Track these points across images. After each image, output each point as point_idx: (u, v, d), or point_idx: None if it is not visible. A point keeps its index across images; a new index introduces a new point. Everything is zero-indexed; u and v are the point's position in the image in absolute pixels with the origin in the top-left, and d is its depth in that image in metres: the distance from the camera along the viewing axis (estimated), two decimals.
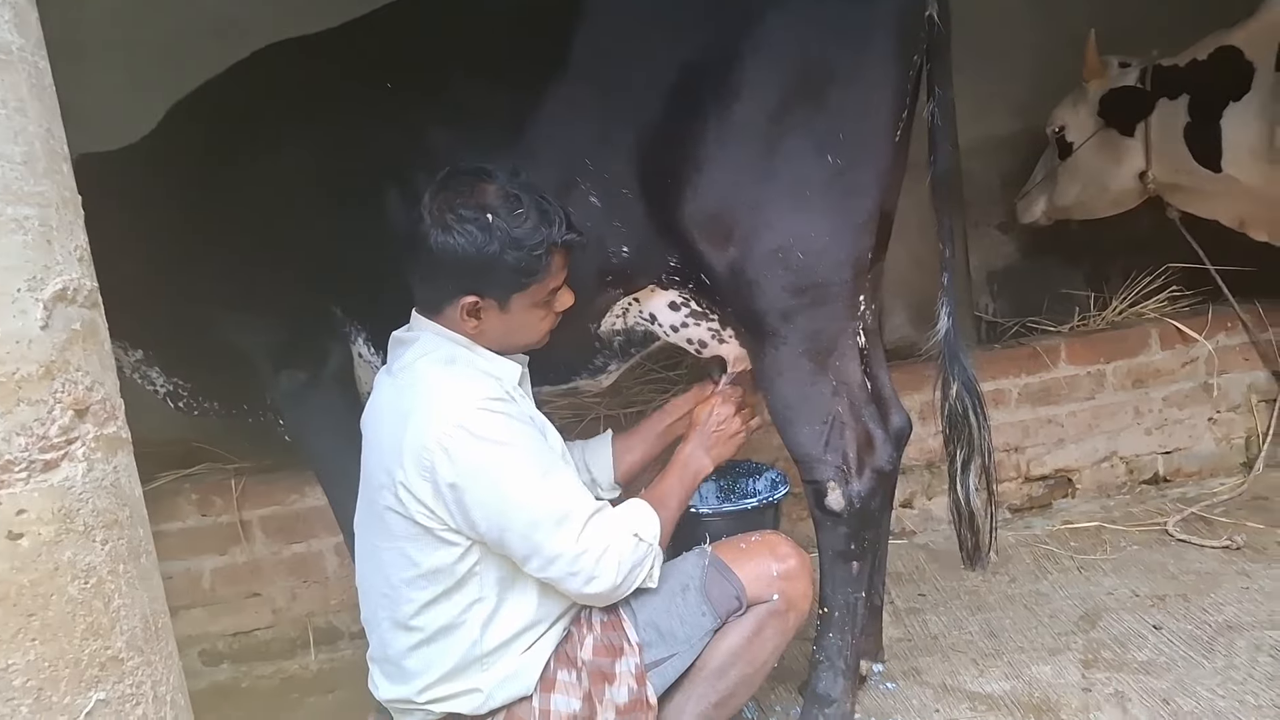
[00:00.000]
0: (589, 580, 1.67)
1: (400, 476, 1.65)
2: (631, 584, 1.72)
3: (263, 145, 2.16)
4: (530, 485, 1.65)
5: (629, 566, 1.70)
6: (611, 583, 1.68)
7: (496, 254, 1.66)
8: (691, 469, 1.93)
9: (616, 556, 1.68)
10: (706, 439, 1.96)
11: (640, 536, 1.72)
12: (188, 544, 2.73)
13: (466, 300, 1.71)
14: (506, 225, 1.66)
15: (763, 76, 1.77)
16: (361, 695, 2.01)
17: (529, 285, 1.72)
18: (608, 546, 1.68)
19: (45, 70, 1.08)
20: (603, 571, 1.67)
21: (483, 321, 1.74)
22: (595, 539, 1.67)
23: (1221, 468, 3.21)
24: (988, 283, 3.80)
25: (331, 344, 2.25)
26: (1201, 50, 2.85)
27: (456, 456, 1.62)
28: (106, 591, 1.03)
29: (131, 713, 1.04)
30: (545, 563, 1.66)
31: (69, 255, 1.06)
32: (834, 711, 1.98)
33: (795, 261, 1.81)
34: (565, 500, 1.67)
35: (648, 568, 1.74)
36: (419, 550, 1.69)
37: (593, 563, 1.66)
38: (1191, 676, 2.13)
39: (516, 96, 1.92)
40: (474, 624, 1.71)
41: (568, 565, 1.66)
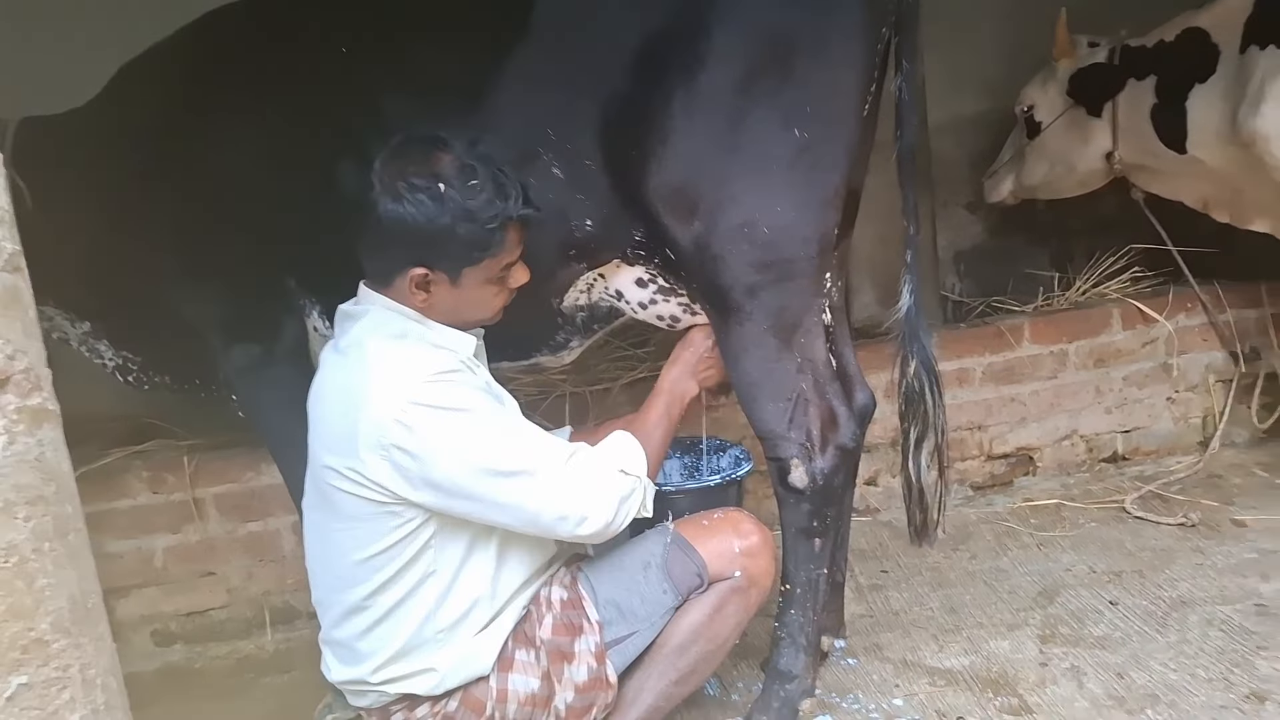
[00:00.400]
0: (580, 521, 1.65)
1: (351, 459, 1.61)
2: (625, 518, 1.70)
3: (213, 111, 2.08)
4: (497, 445, 1.62)
5: (617, 502, 1.68)
6: (605, 520, 1.66)
7: (448, 226, 1.61)
8: (678, 393, 1.90)
9: (603, 495, 1.66)
10: (696, 361, 1.93)
11: (626, 470, 1.71)
12: (139, 522, 2.67)
13: (415, 272, 1.66)
14: (460, 196, 1.61)
15: (729, 47, 1.74)
16: (318, 675, 1.97)
17: (481, 260, 1.67)
18: (591, 487, 1.66)
19: None
20: (592, 510, 1.65)
21: (432, 295, 1.69)
22: (577, 480, 1.65)
23: (1179, 446, 3.27)
24: (954, 262, 3.82)
25: (285, 317, 2.19)
26: (1169, 31, 2.86)
27: (417, 431, 1.58)
28: (29, 571, 0.99)
29: (57, 697, 1.00)
30: (532, 517, 1.64)
31: None
32: (795, 687, 1.99)
33: (761, 237, 1.79)
34: (536, 451, 1.65)
35: (639, 500, 1.72)
36: (372, 529, 1.65)
37: (580, 505, 1.64)
38: (1145, 651, 2.17)
39: (476, 64, 1.87)
40: (427, 599, 1.68)
41: (555, 512, 1.64)
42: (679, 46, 1.75)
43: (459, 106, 1.86)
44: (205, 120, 2.08)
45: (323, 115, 1.99)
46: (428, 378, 1.61)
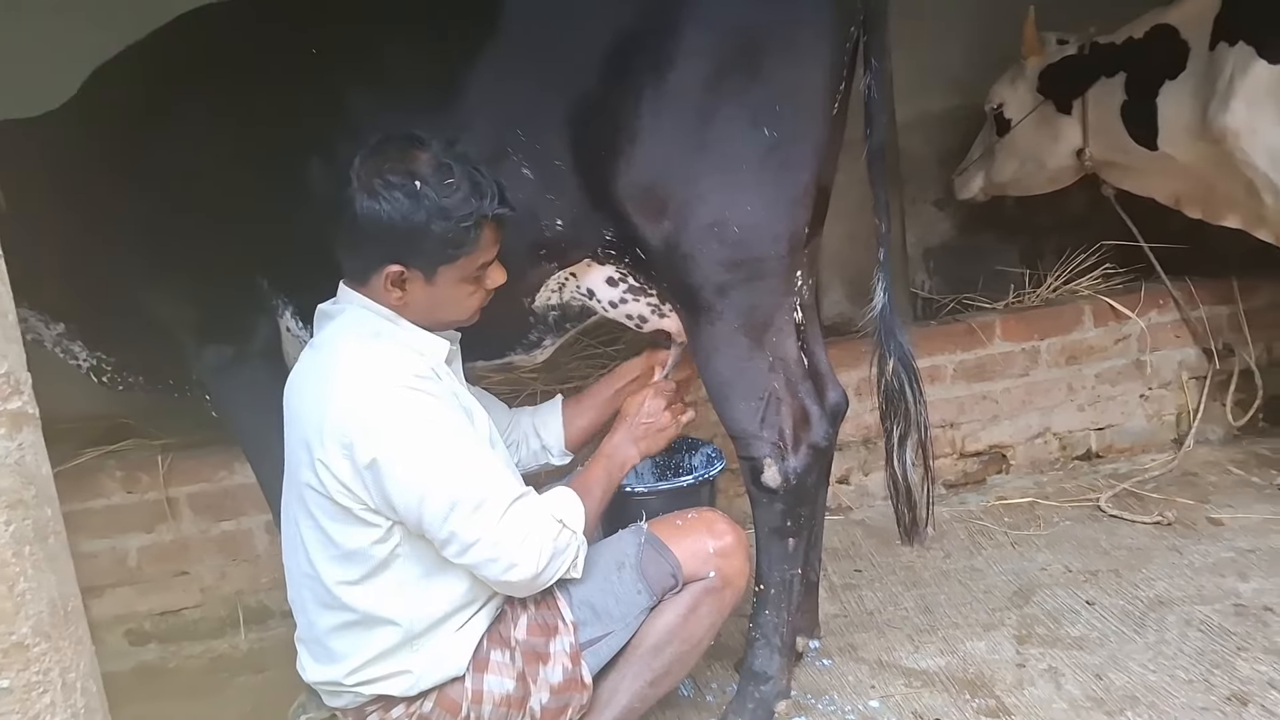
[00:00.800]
0: (509, 568, 1.63)
1: (320, 454, 1.61)
2: (554, 574, 1.68)
3: (185, 112, 2.08)
4: (450, 467, 1.61)
5: (549, 555, 1.65)
6: (532, 571, 1.64)
7: (423, 223, 1.61)
8: (618, 460, 1.89)
9: (538, 544, 1.64)
10: (635, 430, 1.94)
11: (564, 524, 1.69)
12: (113, 522, 2.65)
13: (391, 269, 1.66)
14: (435, 194, 1.61)
15: (698, 46, 1.74)
16: (292, 675, 1.97)
17: (457, 258, 1.67)
18: (529, 533, 1.64)
19: None
20: (522, 559, 1.63)
21: (407, 293, 1.69)
22: (516, 525, 1.62)
23: (1153, 444, 3.29)
24: (924, 259, 3.83)
25: (258, 317, 2.18)
26: (1138, 28, 2.88)
27: (376, 435, 1.58)
28: (10, 575, 0.99)
29: (38, 701, 1.01)
30: (463, 548, 1.62)
31: None
32: (770, 688, 1.99)
33: (730, 236, 1.79)
34: (485, 484, 1.63)
35: (570, 557, 1.70)
36: (339, 531, 1.65)
37: (512, 550, 1.62)
38: (1123, 651, 2.17)
39: (446, 64, 1.86)
40: (402, 608, 1.67)
41: (486, 551, 1.61)
42: (647, 45, 1.75)
43: (429, 106, 1.86)
44: (177, 122, 2.08)
45: (293, 115, 1.98)
46: (394, 384, 1.61)
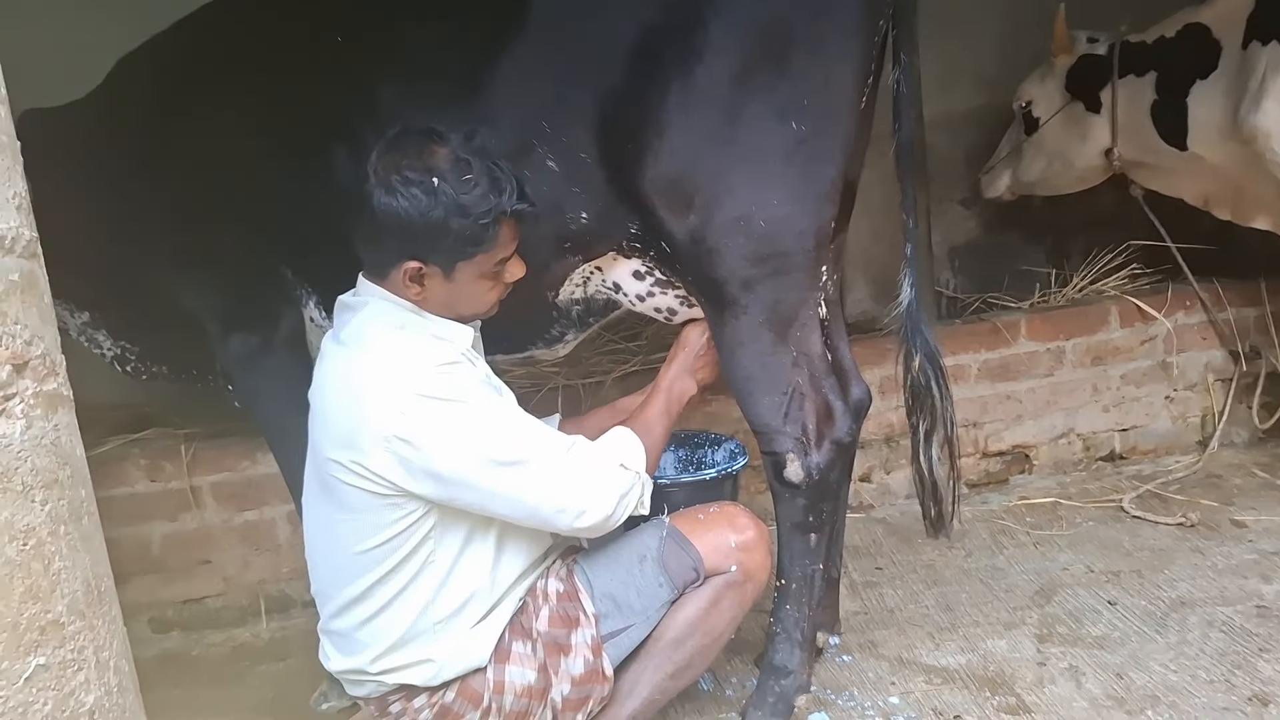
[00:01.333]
0: (579, 514, 1.66)
1: (355, 453, 1.60)
2: (623, 513, 1.71)
3: (210, 102, 2.09)
4: (497, 435, 1.62)
5: (616, 496, 1.68)
6: (603, 514, 1.67)
7: (441, 220, 1.60)
8: (676, 392, 1.91)
9: (603, 487, 1.67)
10: (692, 360, 1.94)
11: (626, 465, 1.71)
12: (136, 510, 2.67)
13: (409, 265, 1.65)
14: (453, 191, 1.60)
15: (726, 40, 1.73)
16: (313, 663, 1.98)
17: (475, 255, 1.66)
18: (591, 479, 1.67)
19: None
20: (591, 504, 1.66)
21: (426, 288, 1.69)
22: (577, 474, 1.65)
23: (1177, 446, 3.26)
24: (949, 258, 3.81)
25: (282, 307, 2.20)
26: (1169, 27, 2.85)
27: (418, 423, 1.58)
28: (46, 553, 1.00)
29: (73, 678, 1.02)
30: (531, 509, 1.64)
31: (7, 202, 1.02)
32: (790, 683, 1.99)
33: (757, 230, 1.78)
34: (536, 442, 1.65)
35: (637, 495, 1.73)
36: (374, 520, 1.65)
37: (578, 498, 1.65)
38: (1145, 651, 2.16)
39: (472, 56, 1.87)
40: (425, 589, 1.68)
41: (554, 504, 1.64)
42: (676, 39, 1.75)
43: (455, 98, 1.86)
44: (201, 112, 2.09)
45: (318, 106, 1.99)
46: (429, 370, 1.62)
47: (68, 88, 2.28)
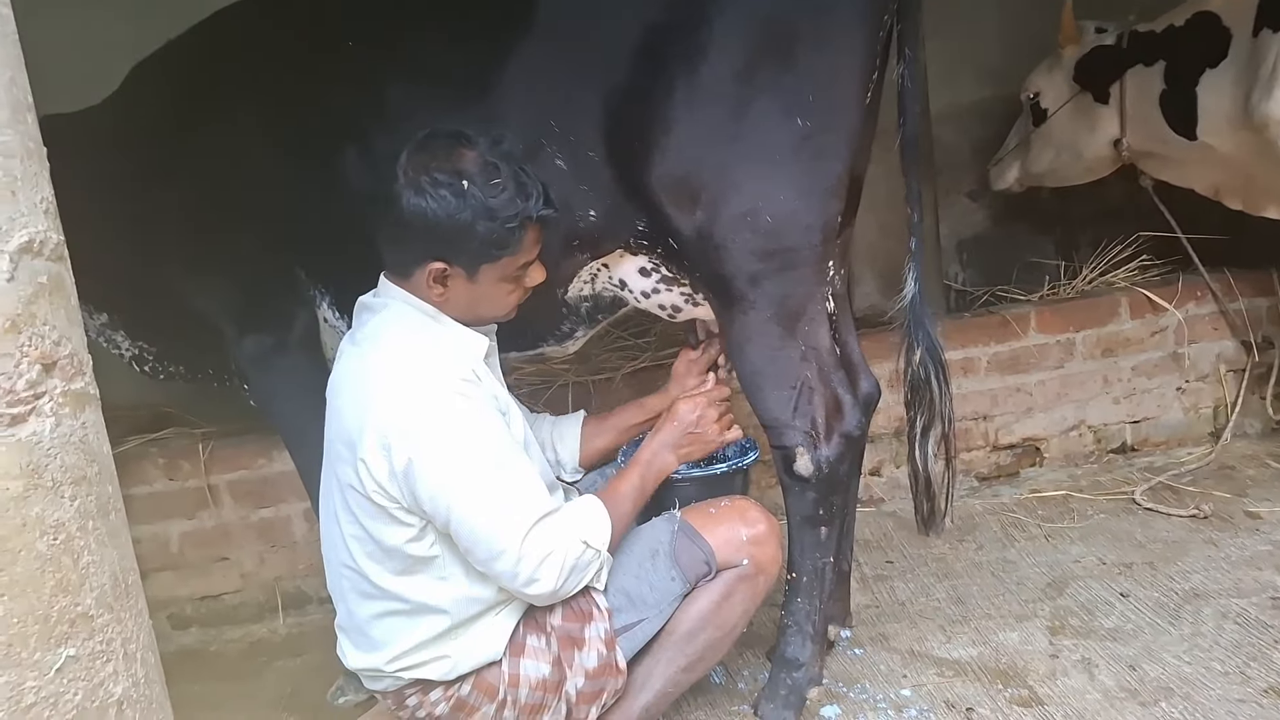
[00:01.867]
0: (529, 583, 1.64)
1: (360, 453, 1.62)
2: (573, 588, 1.69)
3: (224, 105, 2.11)
4: (482, 477, 1.61)
5: (569, 572, 1.66)
6: (551, 588, 1.65)
7: (469, 222, 1.62)
8: (655, 468, 1.87)
9: (559, 561, 1.64)
10: (679, 437, 1.89)
11: (588, 543, 1.68)
12: (155, 508, 2.70)
13: (434, 266, 1.67)
14: (482, 194, 1.62)
15: (730, 36, 1.74)
16: (330, 658, 2.01)
17: (500, 258, 1.68)
18: (551, 551, 1.63)
19: (7, 17, 1.05)
20: (543, 575, 1.63)
21: (449, 290, 1.70)
22: (540, 542, 1.62)
23: (1189, 437, 3.24)
24: (957, 251, 3.80)
25: (296, 308, 2.22)
26: (1179, 16, 2.84)
27: (413, 440, 1.59)
28: (75, 548, 1.02)
29: (102, 669, 1.04)
30: (488, 558, 1.63)
31: (34, 207, 1.04)
32: (802, 676, 2.00)
33: (763, 225, 1.79)
34: (516, 496, 1.63)
35: (591, 574, 1.71)
36: (377, 529, 1.67)
37: (533, 566, 1.62)
38: (1158, 643, 2.15)
39: (480, 56, 1.88)
40: (444, 603, 1.70)
41: (509, 564, 1.62)
42: (680, 36, 1.76)
43: (464, 98, 1.88)
44: (215, 116, 2.11)
45: (329, 108, 2.01)
46: (436, 388, 1.63)
47: (87, 92, 2.31)
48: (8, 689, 0.95)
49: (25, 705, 0.97)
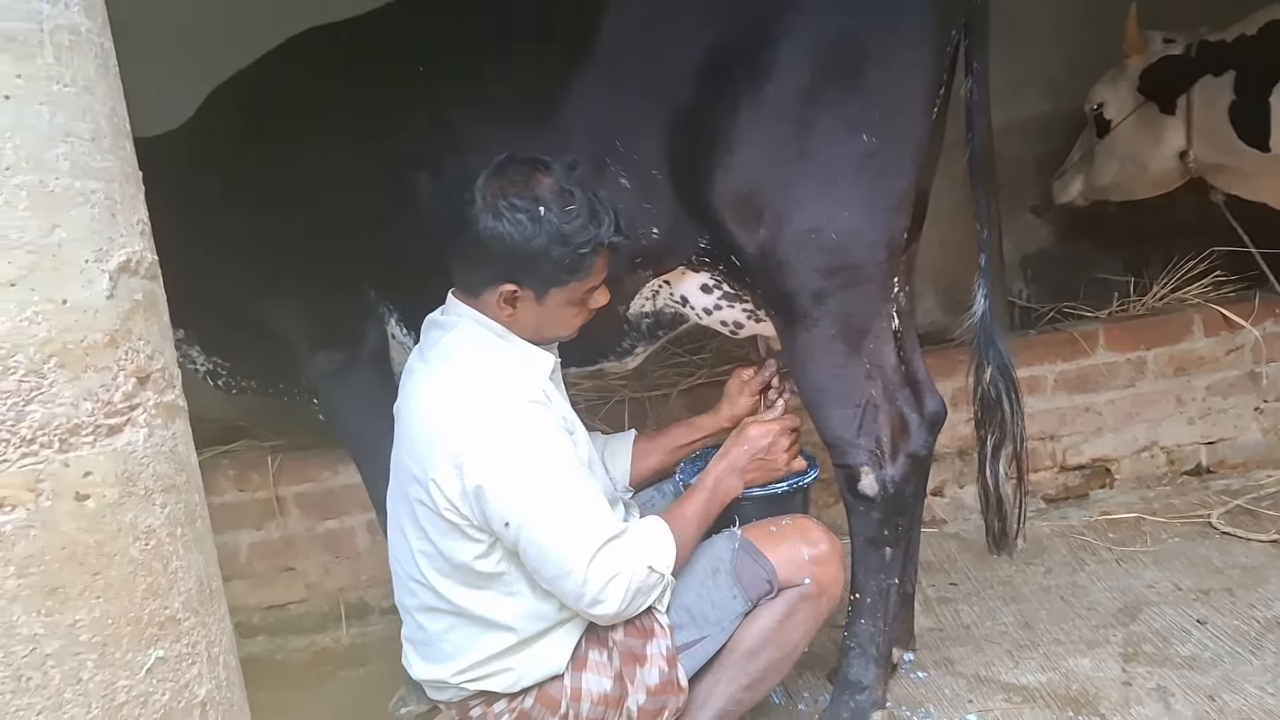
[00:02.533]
0: (594, 604, 1.65)
1: (432, 472, 1.65)
2: (636, 610, 1.70)
3: (297, 129, 2.18)
4: (551, 499, 1.63)
5: (633, 594, 1.66)
6: (616, 609, 1.66)
7: (543, 247, 1.65)
8: (720, 493, 1.86)
9: (625, 584, 1.65)
10: (747, 462, 1.88)
11: (653, 567, 1.69)
12: (225, 518, 2.77)
13: (505, 288, 1.70)
14: (557, 220, 1.65)
15: (796, 54, 1.74)
16: (392, 669, 2.03)
17: (569, 282, 1.71)
18: (617, 574, 1.64)
19: (110, 51, 1.10)
20: (608, 597, 1.64)
21: (517, 311, 1.73)
22: (607, 565, 1.63)
23: (1269, 459, 3.12)
24: (1021, 267, 3.74)
25: (368, 325, 2.27)
26: (1251, 25, 2.77)
27: (485, 459, 1.61)
28: (165, 553, 1.05)
29: (187, 671, 1.07)
30: (555, 577, 1.64)
31: (132, 228, 1.08)
32: (865, 699, 1.97)
33: (828, 242, 1.78)
34: (584, 518, 1.64)
35: (655, 596, 1.71)
36: (447, 545, 1.69)
37: (599, 588, 1.63)
38: (1239, 673, 2.08)
39: (547, 78, 1.91)
40: (510, 618, 1.71)
41: (575, 585, 1.63)
42: (746, 54, 1.77)
43: (531, 119, 1.91)
44: (289, 139, 2.18)
45: (400, 130, 2.06)
46: (507, 407, 1.65)
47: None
48: (102, 687, 0.98)
49: (118, 704, 1.00)
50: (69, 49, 1.01)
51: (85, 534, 0.99)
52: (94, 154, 1.03)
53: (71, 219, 1.00)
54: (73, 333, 0.99)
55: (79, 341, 0.99)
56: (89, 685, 0.98)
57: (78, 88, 1.02)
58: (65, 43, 1.01)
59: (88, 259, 1.01)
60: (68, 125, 1.00)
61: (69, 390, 0.98)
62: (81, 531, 0.98)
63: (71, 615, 0.97)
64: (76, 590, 0.98)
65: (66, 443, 0.97)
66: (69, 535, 0.98)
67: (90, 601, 0.98)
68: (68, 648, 0.97)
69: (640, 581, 1.66)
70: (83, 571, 0.98)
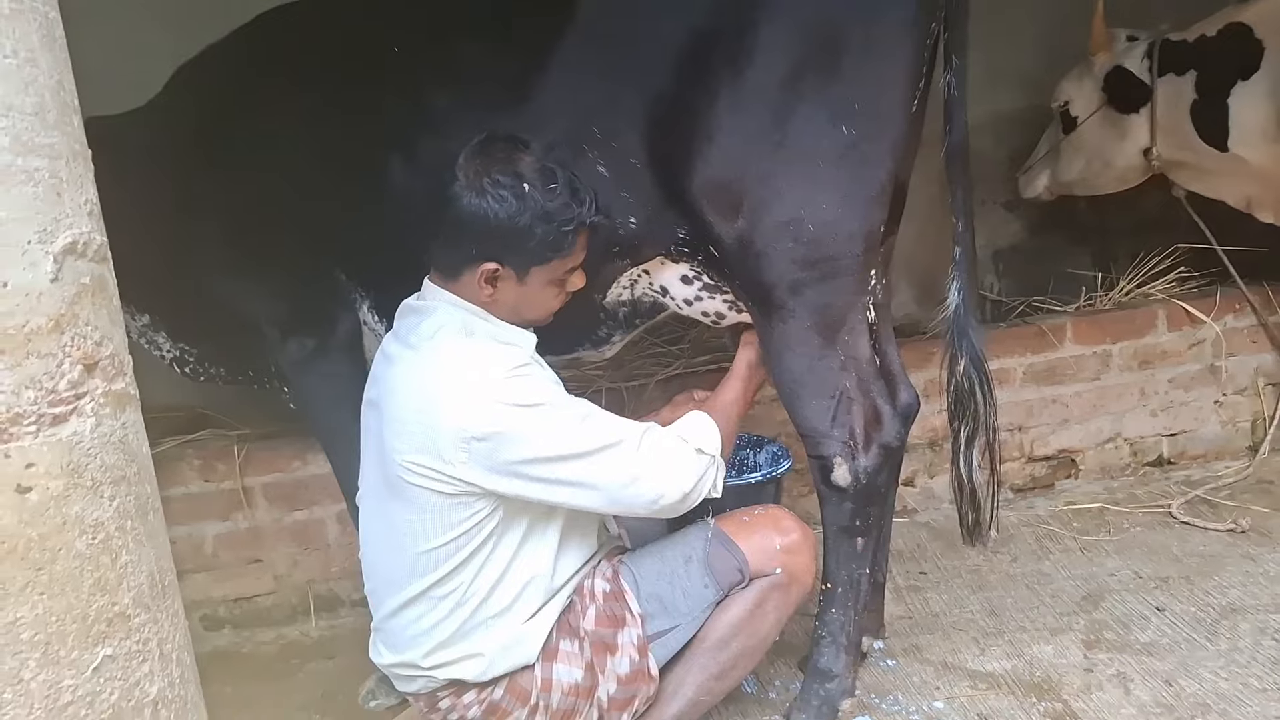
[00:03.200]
0: (656, 499, 1.70)
1: (430, 457, 1.63)
2: (699, 494, 1.74)
3: (266, 109, 2.13)
4: (576, 430, 1.66)
5: (694, 478, 1.72)
6: (681, 493, 1.71)
7: (527, 224, 1.66)
8: (756, 379, 1.94)
9: (679, 470, 1.71)
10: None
11: (702, 450, 1.74)
12: (190, 510, 2.72)
13: (487, 266, 1.69)
14: (541, 198, 1.65)
15: (776, 44, 1.74)
16: (361, 661, 2.01)
17: (551, 260, 1.71)
18: (667, 463, 1.70)
19: (56, 21, 1.06)
20: (666, 488, 1.70)
21: (498, 290, 1.72)
22: (653, 459, 1.69)
23: (1227, 451, 3.20)
24: (993, 261, 3.77)
25: (339, 311, 2.23)
26: (1210, 26, 2.81)
27: (501, 425, 1.62)
28: (114, 547, 1.03)
29: (138, 669, 1.04)
30: (613, 497, 1.69)
31: (79, 208, 1.05)
32: (835, 687, 1.99)
33: (805, 234, 1.79)
34: (612, 433, 1.69)
35: (712, 477, 1.76)
36: (441, 520, 1.68)
37: (654, 482, 1.69)
38: (1195, 659, 2.13)
39: (523, 61, 1.90)
40: (482, 586, 1.71)
41: (633, 492, 1.68)
42: (726, 43, 1.76)
43: (507, 104, 1.89)
44: (256, 119, 2.13)
45: (372, 112, 2.02)
46: (504, 374, 1.65)
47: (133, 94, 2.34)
48: (45, 687, 0.96)
49: (62, 704, 0.97)
50: (8, 18, 0.97)
51: (27, 527, 0.96)
52: (38, 129, 0.99)
53: (12, 197, 0.96)
54: (14, 317, 0.96)
55: (20, 327, 0.96)
56: (30, 685, 0.95)
57: (19, 59, 0.98)
58: (5, 10, 0.96)
59: (30, 240, 0.97)
60: (8, 99, 0.96)
61: (9, 378, 0.95)
62: (23, 525, 0.95)
63: (12, 612, 0.94)
64: (17, 586, 0.95)
65: (7, 433, 0.94)
66: (9, 529, 0.95)
67: (33, 598, 0.96)
68: (7, 646, 0.94)
69: (693, 465, 1.72)
70: (24, 567, 0.95)
